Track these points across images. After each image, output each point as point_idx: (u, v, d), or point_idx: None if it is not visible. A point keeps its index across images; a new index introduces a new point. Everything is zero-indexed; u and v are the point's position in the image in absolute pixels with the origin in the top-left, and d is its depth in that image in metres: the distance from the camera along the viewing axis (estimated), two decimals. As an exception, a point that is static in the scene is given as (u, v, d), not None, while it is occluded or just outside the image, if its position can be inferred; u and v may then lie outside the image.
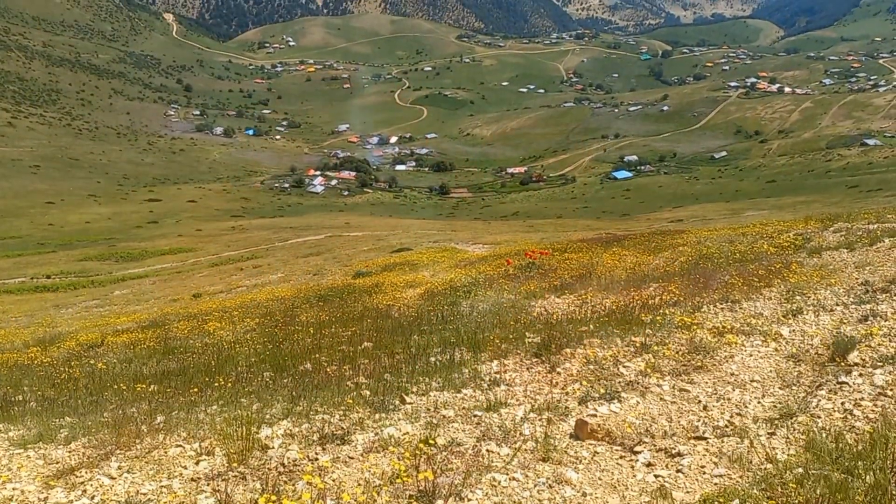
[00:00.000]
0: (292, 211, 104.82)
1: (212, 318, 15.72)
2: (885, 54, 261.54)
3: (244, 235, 63.92)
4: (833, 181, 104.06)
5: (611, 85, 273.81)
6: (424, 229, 58.85)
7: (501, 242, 31.70)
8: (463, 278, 15.17)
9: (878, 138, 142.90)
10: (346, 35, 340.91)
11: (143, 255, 53.50)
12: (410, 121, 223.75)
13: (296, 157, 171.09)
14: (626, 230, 36.78)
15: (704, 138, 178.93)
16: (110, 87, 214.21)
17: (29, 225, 77.37)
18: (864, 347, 5.85)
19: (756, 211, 61.44)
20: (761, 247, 12.83)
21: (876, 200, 58.04)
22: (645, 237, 18.97)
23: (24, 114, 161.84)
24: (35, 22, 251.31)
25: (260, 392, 7.04)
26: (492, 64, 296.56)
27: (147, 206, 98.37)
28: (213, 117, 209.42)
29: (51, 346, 14.89)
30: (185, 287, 31.82)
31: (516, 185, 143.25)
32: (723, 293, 8.90)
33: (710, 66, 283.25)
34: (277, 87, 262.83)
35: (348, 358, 8.29)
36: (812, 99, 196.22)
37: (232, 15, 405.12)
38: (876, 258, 9.80)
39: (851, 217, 15.26)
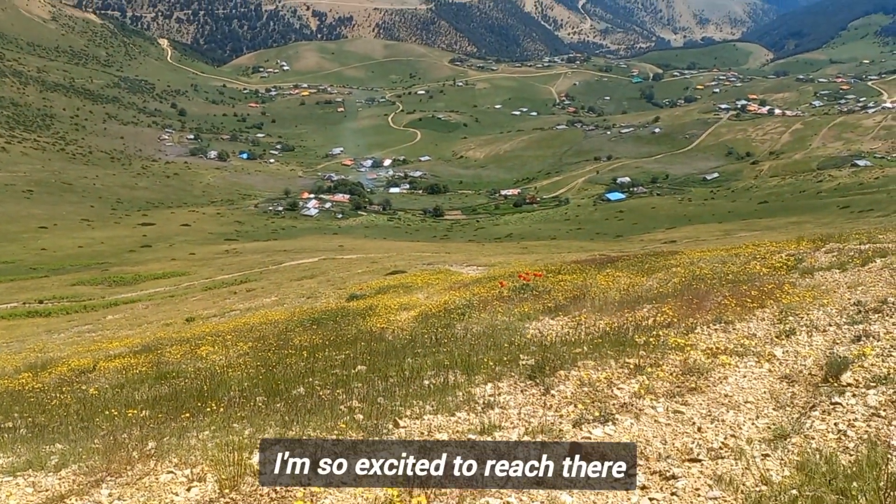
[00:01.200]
0: (286, 234, 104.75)
1: (204, 342, 15.65)
2: (873, 76, 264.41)
3: (238, 259, 63.79)
4: (824, 202, 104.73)
5: (603, 107, 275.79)
6: (418, 251, 58.86)
7: (495, 264, 31.72)
8: (457, 300, 15.15)
9: (869, 159, 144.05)
10: (339, 59, 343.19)
11: (136, 280, 53.29)
12: (404, 144, 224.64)
13: (290, 181, 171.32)
14: (619, 251, 36.86)
15: (696, 160, 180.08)
16: (104, 111, 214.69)
17: (21, 250, 77.06)
18: (858, 368, 5.86)
19: (748, 232, 61.69)
20: (754, 267, 12.88)
21: (867, 221, 58.36)
22: (638, 258, 19.02)
23: (17, 139, 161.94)
24: (30, 48, 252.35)
25: (252, 417, 6.99)
26: (485, 87, 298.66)
27: (140, 230, 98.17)
28: (208, 141, 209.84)
29: (42, 371, 14.77)
30: (178, 311, 31.69)
31: (510, 207, 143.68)
32: (716, 314, 8.91)
33: (701, 88, 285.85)
34: (271, 111, 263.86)
35: (341, 382, 8.26)
36: (802, 120, 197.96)
37: (226, 40, 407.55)
38: (868, 278, 9.84)
39: (843, 237, 15.34)
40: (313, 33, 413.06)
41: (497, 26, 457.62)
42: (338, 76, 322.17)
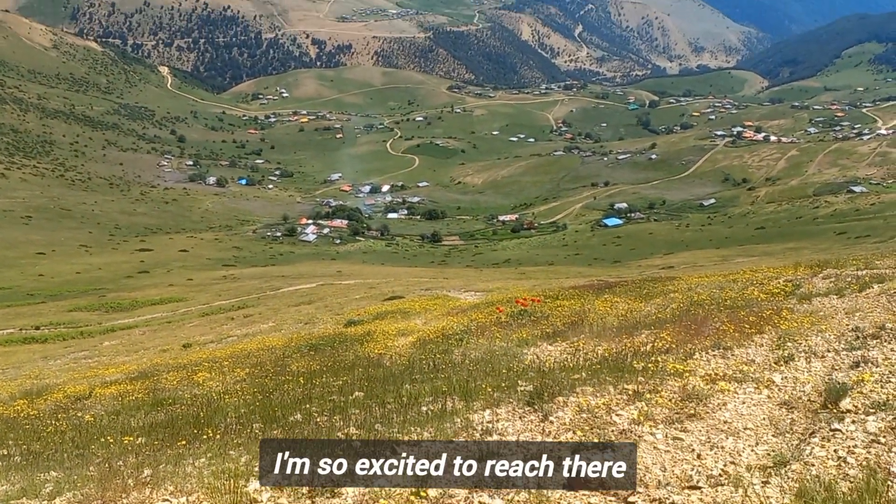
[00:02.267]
0: (284, 259, 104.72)
1: (201, 368, 15.58)
2: (867, 104, 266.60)
3: (235, 284, 63.69)
4: (821, 227, 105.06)
5: (599, 134, 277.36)
6: (416, 277, 58.84)
7: (493, 290, 31.70)
8: (455, 326, 15.12)
9: (864, 185, 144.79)
10: (338, 86, 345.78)
11: (134, 306, 53.15)
12: (402, 169, 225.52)
13: (288, 206, 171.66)
14: (617, 277, 36.86)
15: (693, 186, 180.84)
16: (104, 138, 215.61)
17: (19, 276, 76.92)
18: (857, 394, 5.85)
19: (746, 257, 61.80)
20: (752, 293, 12.89)
21: (864, 246, 58.53)
22: (636, 284, 19.03)
23: (17, 165, 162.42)
24: (31, 75, 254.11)
25: (249, 444, 6.95)
26: (482, 114, 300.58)
27: (138, 256, 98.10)
28: (207, 167, 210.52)
29: (38, 398, 14.68)
30: (175, 337, 31.57)
31: (508, 233, 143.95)
32: (714, 340, 8.91)
33: (697, 115, 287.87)
34: (270, 138, 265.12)
35: (339, 408, 8.21)
36: (798, 147, 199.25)
37: (226, 67, 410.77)
38: (865, 304, 9.85)
39: (840, 263, 15.38)
40: (312, 61, 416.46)
41: (494, 54, 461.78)
42: (337, 103, 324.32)
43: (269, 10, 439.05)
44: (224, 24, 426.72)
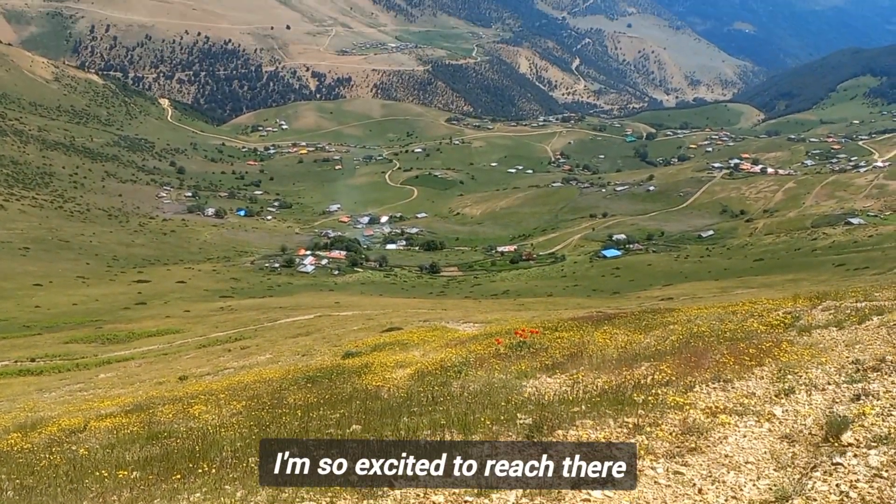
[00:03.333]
0: (282, 290, 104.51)
1: (197, 401, 15.46)
2: (863, 136, 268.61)
3: (233, 316, 63.51)
4: (820, 259, 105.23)
5: (597, 165, 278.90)
6: (415, 308, 58.76)
7: (492, 321, 31.62)
8: (453, 358, 15.05)
9: (862, 217, 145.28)
10: (338, 118, 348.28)
11: (130, 337, 52.92)
12: (401, 201, 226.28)
13: (287, 237, 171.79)
14: (616, 308, 36.81)
15: (691, 217, 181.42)
16: (104, 169, 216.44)
17: (15, 307, 76.68)
18: (858, 427, 5.80)
19: (745, 289, 61.81)
20: (751, 325, 12.86)
21: (863, 278, 58.60)
22: (635, 315, 18.99)
23: (16, 196, 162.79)
24: (32, 107, 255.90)
25: (245, 478, 6.86)
26: (481, 145, 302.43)
27: (135, 288, 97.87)
28: (206, 198, 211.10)
29: (32, 431, 14.54)
30: (172, 369, 31.40)
31: (506, 264, 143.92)
32: (714, 372, 8.86)
33: (694, 147, 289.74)
34: (270, 169, 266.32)
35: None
36: (795, 179, 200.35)
37: (227, 100, 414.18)
38: (865, 336, 9.83)
39: (839, 295, 15.37)
40: (312, 93, 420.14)
41: (493, 87, 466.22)
42: (336, 134, 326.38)
43: (269, 44, 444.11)
44: (225, 58, 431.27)
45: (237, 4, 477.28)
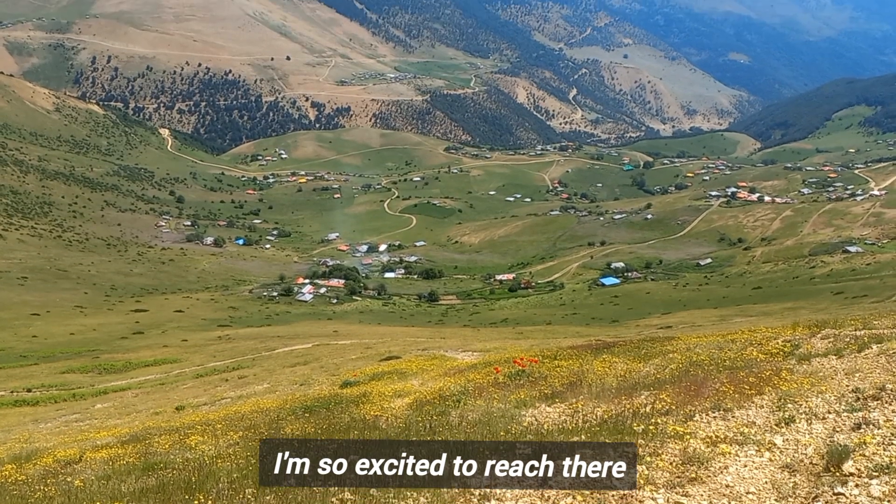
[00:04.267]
0: (280, 319, 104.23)
1: (194, 431, 15.35)
2: (859, 165, 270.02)
3: (231, 345, 63.29)
4: (818, 287, 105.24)
5: (595, 194, 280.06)
6: (413, 337, 58.58)
7: (491, 350, 31.52)
8: (452, 387, 14.97)
9: (860, 245, 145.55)
10: (337, 147, 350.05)
11: (127, 367, 52.67)
12: (399, 229, 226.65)
13: (285, 266, 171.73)
14: (615, 337, 36.74)
15: (689, 245, 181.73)
16: (103, 199, 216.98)
17: (12, 337, 76.36)
18: (859, 456, 5.77)
19: (744, 317, 61.75)
20: (751, 353, 12.83)
21: (862, 306, 58.59)
22: (635, 344, 18.94)
23: (15, 226, 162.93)
24: (32, 137, 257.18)
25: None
26: (479, 174, 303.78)
27: (133, 317, 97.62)
28: (204, 227, 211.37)
29: (27, 462, 14.40)
30: (169, 399, 31.20)
31: (505, 292, 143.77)
32: (714, 401, 8.83)
33: (691, 176, 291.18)
34: (269, 198, 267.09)
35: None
36: (792, 207, 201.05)
37: (226, 129, 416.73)
38: (865, 364, 9.80)
39: (838, 323, 15.36)
40: (312, 123, 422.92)
41: (491, 116, 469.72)
42: (335, 164, 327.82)
43: (269, 75, 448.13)
44: (225, 88, 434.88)
45: (238, 36, 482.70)
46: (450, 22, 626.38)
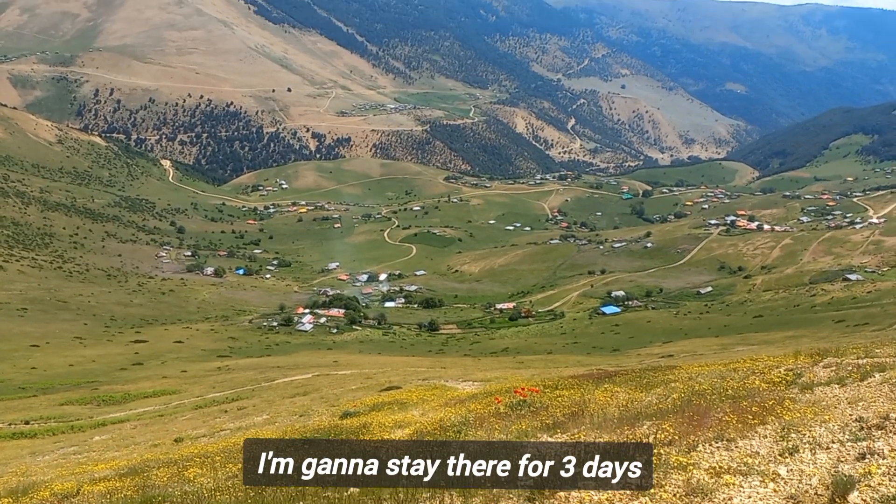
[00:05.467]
0: (280, 350, 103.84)
1: (192, 463, 15.21)
2: (858, 193, 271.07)
3: (230, 376, 62.98)
4: (819, 316, 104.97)
5: (595, 223, 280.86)
6: (413, 366, 58.33)
7: (492, 379, 31.36)
8: (453, 417, 14.87)
9: (860, 273, 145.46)
10: (337, 177, 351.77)
11: (126, 399, 52.37)
12: (399, 258, 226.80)
13: (285, 296, 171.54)
14: (617, 366, 36.58)
15: (689, 274, 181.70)
16: (104, 230, 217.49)
17: (11, 369, 76.03)
18: (864, 487, 5.72)
19: (745, 346, 61.54)
20: (753, 382, 12.76)
21: (863, 334, 58.41)
22: (636, 373, 18.85)
23: (15, 257, 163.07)
24: (34, 169, 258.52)
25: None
26: (478, 203, 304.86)
27: (132, 348, 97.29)
28: (205, 258, 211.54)
29: (23, 496, 14.25)
30: (167, 431, 30.96)
31: (505, 321, 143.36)
32: (717, 431, 8.76)
33: (690, 204, 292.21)
34: (269, 228, 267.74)
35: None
36: (791, 236, 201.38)
37: (228, 160, 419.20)
38: (868, 393, 9.75)
39: (840, 352, 15.30)
40: (312, 153, 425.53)
41: (490, 146, 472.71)
42: (335, 193, 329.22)
43: (270, 106, 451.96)
44: (226, 119, 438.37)
45: (240, 68, 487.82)
46: (449, 54, 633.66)
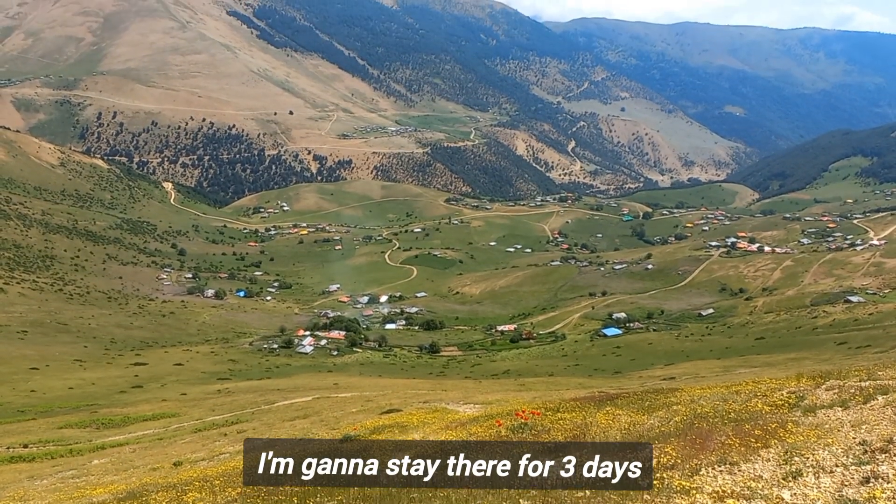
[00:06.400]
0: (280, 372, 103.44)
1: (192, 488, 15.10)
2: (858, 215, 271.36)
3: (230, 399, 62.71)
4: (821, 338, 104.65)
5: (595, 244, 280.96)
6: (414, 389, 58.08)
7: (493, 402, 31.20)
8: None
9: (861, 295, 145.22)
10: (338, 199, 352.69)
11: (125, 422, 52.10)
12: (400, 280, 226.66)
13: (286, 318, 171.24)
14: (618, 388, 36.42)
15: (690, 296, 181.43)
16: (105, 252, 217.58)
17: (10, 392, 75.75)
18: (869, 512, 5.67)
19: (748, 368, 61.31)
20: (755, 405, 12.71)
21: (865, 356, 58.20)
22: (638, 396, 18.78)
23: (16, 280, 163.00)
24: (36, 192, 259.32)
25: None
26: (479, 225, 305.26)
27: (132, 371, 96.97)
28: (206, 280, 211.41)
29: (20, 520, 14.13)
30: (166, 455, 30.77)
31: (506, 343, 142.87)
32: (720, 454, 8.71)
33: (690, 226, 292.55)
34: (270, 250, 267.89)
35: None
36: (792, 257, 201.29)
37: (229, 182, 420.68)
38: (871, 416, 9.70)
39: (843, 374, 15.25)
40: (314, 175, 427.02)
41: (491, 168, 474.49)
42: (336, 215, 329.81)
43: (272, 129, 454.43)
44: (228, 142, 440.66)
45: (242, 92, 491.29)
46: (450, 77, 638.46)
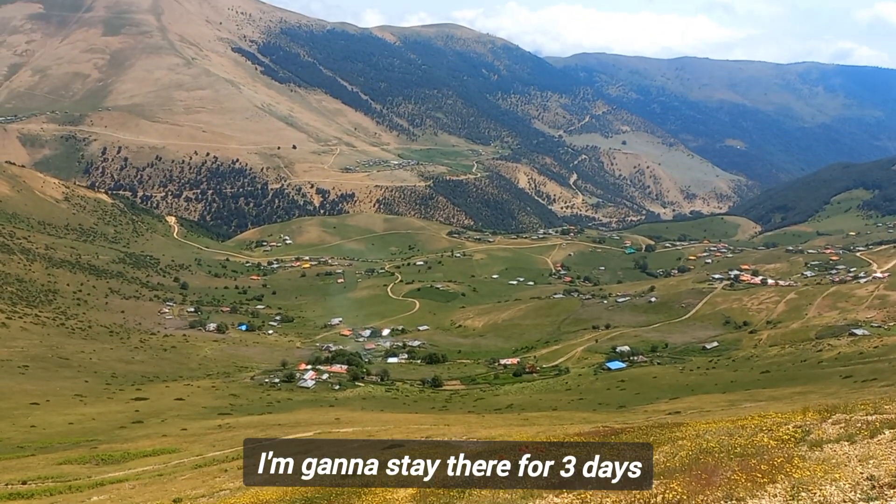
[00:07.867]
0: (282, 407, 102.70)
1: (192, 525, 14.91)
2: (860, 247, 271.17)
3: (231, 434, 62.23)
4: (826, 371, 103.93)
5: (598, 277, 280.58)
6: (417, 423, 57.64)
7: (496, 437, 30.91)
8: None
9: (866, 328, 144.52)
10: (341, 232, 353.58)
11: (125, 458, 51.64)
12: (403, 313, 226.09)
13: (287, 352, 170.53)
14: (623, 423, 36.11)
15: (694, 329, 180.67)
16: (108, 286, 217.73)
17: (10, 427, 75.25)
18: (879, 549, 5.58)
19: (753, 402, 60.86)
20: (761, 440, 12.58)
21: (872, 390, 57.77)
22: (643, 430, 18.62)
23: (18, 314, 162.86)
24: (40, 226, 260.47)
25: None
26: (482, 258, 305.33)
27: (133, 406, 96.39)
28: (208, 314, 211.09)
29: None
30: (166, 491, 30.44)
31: (509, 377, 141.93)
32: (726, 490, 8.61)
33: (693, 259, 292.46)
34: (272, 283, 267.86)
35: None
36: (796, 290, 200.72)
37: (232, 216, 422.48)
38: (878, 451, 9.59)
39: (849, 408, 15.12)
40: (316, 209, 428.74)
41: (493, 201, 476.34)
42: (339, 248, 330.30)
43: (275, 163, 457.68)
44: (232, 176, 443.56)
45: (246, 126, 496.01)
46: (452, 111, 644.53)
